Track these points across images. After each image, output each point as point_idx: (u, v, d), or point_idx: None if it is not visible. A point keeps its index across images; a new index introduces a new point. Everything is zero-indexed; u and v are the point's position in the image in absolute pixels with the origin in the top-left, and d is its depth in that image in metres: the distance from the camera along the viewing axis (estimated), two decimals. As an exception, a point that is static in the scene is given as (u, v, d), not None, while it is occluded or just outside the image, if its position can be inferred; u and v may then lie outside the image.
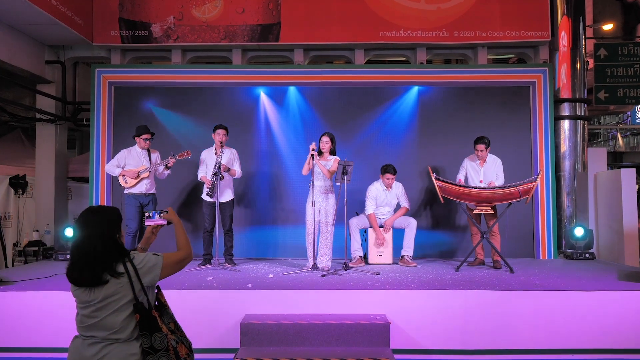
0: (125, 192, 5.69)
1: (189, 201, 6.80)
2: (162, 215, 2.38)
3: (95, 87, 6.83)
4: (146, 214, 2.39)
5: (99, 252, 2.02)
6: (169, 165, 5.60)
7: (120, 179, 5.67)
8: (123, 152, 5.78)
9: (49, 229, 7.27)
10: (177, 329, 2.18)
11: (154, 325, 2.04)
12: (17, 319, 4.24)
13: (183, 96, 6.93)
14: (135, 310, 2.03)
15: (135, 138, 5.70)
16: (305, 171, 5.50)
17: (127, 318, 2.03)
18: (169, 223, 2.39)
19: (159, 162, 5.68)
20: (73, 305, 1.92)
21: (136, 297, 2.04)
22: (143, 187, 5.65)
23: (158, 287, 2.20)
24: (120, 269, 2.03)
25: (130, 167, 5.65)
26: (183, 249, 2.29)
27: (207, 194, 5.69)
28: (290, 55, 7.29)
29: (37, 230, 7.26)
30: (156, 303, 2.16)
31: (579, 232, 6.49)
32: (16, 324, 4.22)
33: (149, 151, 5.75)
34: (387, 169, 5.95)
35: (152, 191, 5.75)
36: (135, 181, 5.61)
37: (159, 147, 6.18)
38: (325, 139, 5.59)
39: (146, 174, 5.64)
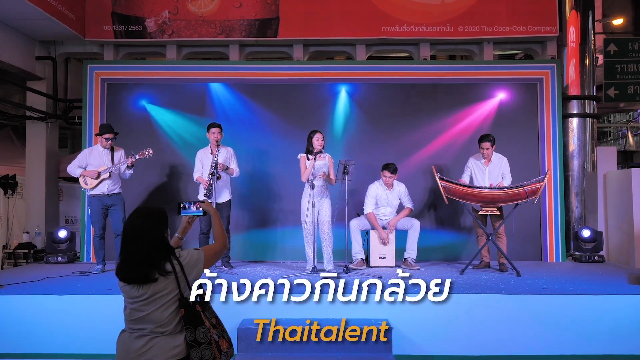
0: (88, 193, 5.64)
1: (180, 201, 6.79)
2: (198, 206, 2.51)
3: (87, 83, 6.81)
4: (182, 205, 2.52)
5: (148, 252, 2.16)
6: (128, 164, 5.54)
7: (81, 180, 5.60)
8: (85, 152, 5.74)
9: (40, 231, 7.27)
10: (218, 324, 2.31)
11: (198, 319, 2.18)
12: (6, 324, 4.23)
13: (178, 93, 6.92)
14: (180, 305, 2.18)
15: (98, 137, 5.68)
16: (305, 178, 5.48)
17: (173, 312, 2.18)
18: (205, 214, 2.53)
19: (122, 161, 5.60)
20: (64, 310, 1.93)
21: (182, 293, 2.19)
22: (104, 188, 5.57)
23: (201, 285, 2.32)
24: (168, 267, 2.18)
25: (92, 168, 5.57)
26: (219, 240, 2.46)
27: (204, 195, 5.68)
28: (289, 50, 7.28)
29: (27, 232, 7.26)
30: (199, 299, 2.27)
31: (587, 233, 6.49)
32: (6, 329, 4.22)
33: (112, 150, 5.68)
34: (386, 167, 5.94)
35: (116, 191, 5.65)
36: (96, 182, 5.54)
37: (154, 145, 6.17)
38: (320, 135, 5.54)
39: (107, 175, 5.55)
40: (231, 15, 7.00)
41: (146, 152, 5.56)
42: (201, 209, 2.52)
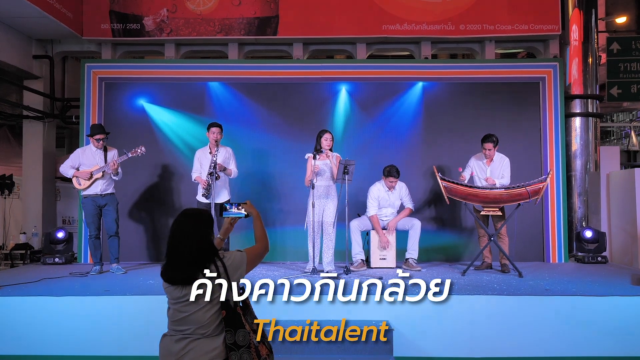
0: (82, 193, 5.66)
1: (181, 201, 6.80)
2: (239, 207, 2.57)
3: (85, 82, 6.81)
4: (224, 206, 2.57)
5: (194, 254, 2.21)
6: (112, 172, 5.54)
7: (74, 181, 5.62)
8: (77, 152, 5.75)
9: (37, 231, 7.27)
10: (258, 329, 2.35)
11: (238, 322, 2.22)
12: (3, 326, 4.23)
13: (176, 92, 6.92)
14: (222, 307, 2.21)
15: (89, 137, 5.68)
16: (308, 182, 5.50)
17: (214, 314, 2.21)
18: (247, 215, 2.58)
19: (115, 159, 5.60)
20: (60, 311, 1.92)
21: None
22: (98, 188, 5.57)
23: (242, 287, 2.37)
24: (212, 269, 2.21)
25: (85, 168, 5.59)
26: (261, 242, 2.51)
27: (203, 195, 5.68)
28: (289, 49, 7.29)
29: (24, 233, 7.26)
30: (240, 304, 2.31)
31: (589, 234, 6.50)
32: (2, 331, 4.22)
33: (105, 150, 5.69)
34: (390, 172, 5.93)
35: (110, 191, 5.66)
36: (88, 182, 5.55)
37: (152, 145, 6.19)
38: (329, 135, 5.59)
39: (100, 174, 5.55)
40: (230, 13, 7.00)
41: (139, 150, 5.57)
42: (243, 210, 2.58)
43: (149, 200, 6.80)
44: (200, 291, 2.22)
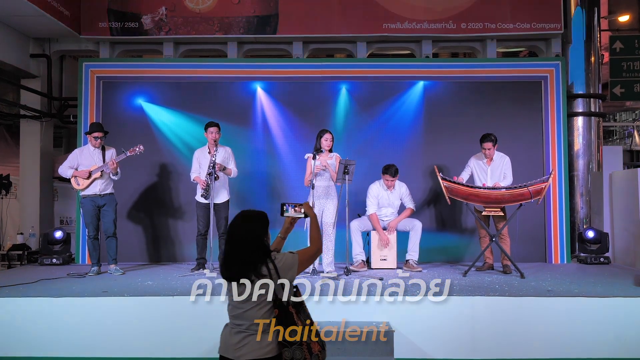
0: (80, 194, 5.66)
1: (180, 201, 6.80)
2: (296, 208, 2.71)
3: (83, 81, 6.82)
4: (284, 206, 2.72)
5: (247, 254, 2.34)
6: (112, 172, 5.54)
7: (73, 181, 5.61)
8: (75, 152, 5.76)
9: (34, 232, 7.27)
10: (311, 326, 2.41)
11: (290, 320, 2.31)
12: (0, 327, 4.23)
13: (175, 91, 6.93)
14: (274, 305, 2.32)
15: (87, 136, 5.69)
16: (307, 182, 5.52)
17: (267, 312, 2.33)
18: (306, 216, 2.70)
19: (114, 159, 5.60)
20: (58, 312, 1.92)
21: (276, 294, 2.33)
22: (97, 188, 5.59)
23: (296, 287, 2.46)
24: (264, 270, 2.33)
25: (83, 167, 5.59)
26: (315, 244, 2.62)
27: (202, 195, 5.69)
28: (288, 48, 7.29)
29: (21, 233, 7.26)
30: (293, 301, 2.40)
31: (591, 234, 6.51)
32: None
33: (103, 149, 5.70)
34: (387, 170, 5.94)
35: (109, 191, 5.67)
36: (87, 182, 5.55)
37: (151, 145, 6.19)
38: (329, 136, 5.60)
39: (98, 174, 5.56)
40: (229, 12, 7.00)
41: (137, 149, 5.58)
42: (302, 210, 2.70)
43: (147, 200, 6.80)
44: (249, 291, 2.34)
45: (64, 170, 5.65)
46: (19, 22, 6.69)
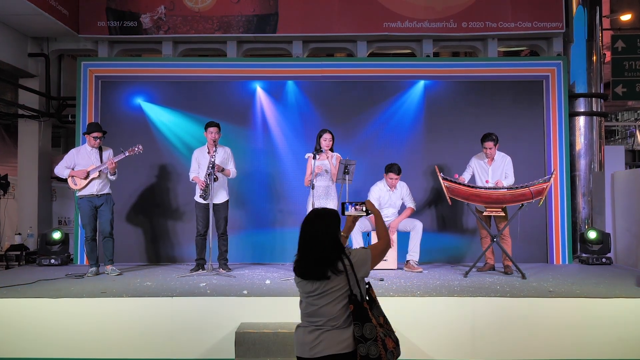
0: (77, 194, 5.64)
1: (179, 202, 6.80)
2: (357, 207, 2.77)
3: (81, 81, 6.82)
4: (345, 205, 2.78)
5: (324, 251, 2.39)
6: (110, 171, 5.53)
7: (70, 181, 5.59)
8: (72, 152, 5.74)
9: (32, 232, 7.28)
10: (385, 323, 2.48)
11: (365, 316, 2.35)
12: (-2, 328, 4.24)
13: (174, 91, 6.92)
14: (349, 301, 2.36)
15: (86, 135, 5.68)
16: (307, 182, 5.52)
17: (343, 308, 2.37)
18: (368, 213, 2.76)
19: (112, 159, 5.57)
20: (56, 313, 1.92)
21: (351, 289, 2.38)
22: (94, 188, 5.58)
23: (369, 284, 2.51)
24: (340, 266, 2.38)
25: (80, 168, 5.58)
26: (383, 239, 2.67)
27: (201, 196, 5.69)
28: (288, 47, 7.29)
29: (19, 234, 7.26)
30: (367, 297, 2.46)
31: (592, 235, 6.51)
32: (-3, 333, 4.22)
33: (100, 149, 5.69)
34: (391, 168, 5.95)
35: (106, 191, 5.66)
36: (85, 182, 5.54)
37: (150, 145, 6.19)
38: (328, 135, 5.61)
39: (96, 174, 5.55)
40: (229, 10, 7.00)
41: (136, 149, 5.58)
42: (363, 208, 2.77)
43: (146, 201, 6.80)
44: (326, 287, 2.38)
45: (61, 170, 5.64)
46: (17, 21, 6.69)
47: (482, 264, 5.93)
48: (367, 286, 2.48)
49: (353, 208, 2.77)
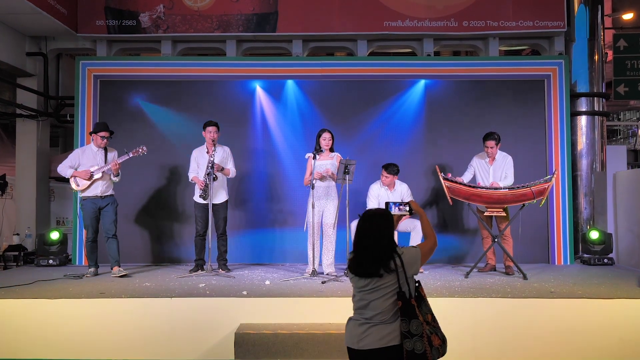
0: (80, 195, 5.58)
1: (178, 202, 6.80)
2: (400, 207, 2.86)
3: (80, 80, 6.82)
4: (387, 206, 2.86)
5: (377, 250, 2.48)
6: (113, 173, 5.50)
7: (72, 181, 5.51)
8: (77, 152, 5.70)
9: (30, 233, 7.28)
10: (433, 321, 2.56)
11: (412, 312, 2.44)
12: (-4, 329, 4.24)
13: (173, 90, 6.92)
14: (398, 297, 2.46)
15: (92, 135, 5.64)
16: (307, 182, 5.53)
17: (392, 303, 2.47)
18: (411, 213, 2.86)
19: (116, 160, 5.54)
20: (54, 314, 1.92)
21: (400, 286, 2.47)
22: (98, 190, 5.51)
23: (419, 282, 2.59)
24: (392, 264, 2.47)
25: (84, 168, 5.52)
26: (430, 238, 2.74)
27: (200, 196, 5.69)
28: (288, 46, 7.29)
29: (17, 234, 7.26)
30: (416, 294, 2.53)
31: (594, 235, 6.51)
32: (-5, 334, 4.22)
33: (105, 150, 5.65)
34: (386, 167, 5.91)
35: (109, 193, 5.62)
36: (87, 183, 5.47)
37: (148, 144, 6.17)
38: (327, 135, 5.62)
39: (99, 175, 5.50)
40: (228, 9, 7.00)
41: (140, 150, 5.56)
42: (407, 208, 2.86)
43: (144, 201, 6.80)
44: (377, 284, 2.48)
45: (64, 169, 5.58)
46: (15, 20, 6.68)
47: (483, 265, 5.93)
48: (416, 284, 2.56)
49: (397, 208, 2.86)
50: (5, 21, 6.70)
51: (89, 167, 5.53)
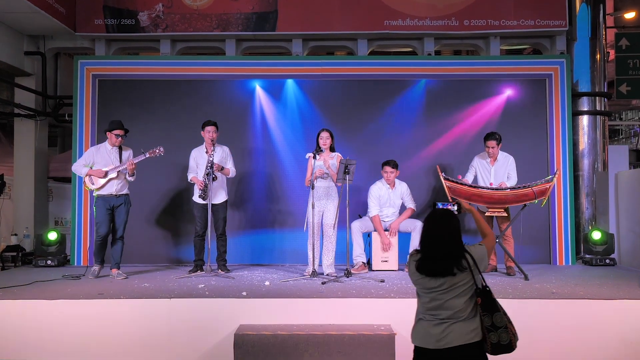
0: (94, 193, 5.57)
1: (177, 202, 6.80)
2: (449, 207, 2.90)
3: (78, 80, 6.82)
4: (435, 207, 2.91)
5: (449, 248, 2.53)
6: (128, 172, 5.48)
7: (87, 180, 5.51)
8: (91, 150, 5.69)
9: (29, 233, 7.27)
10: (504, 313, 2.59)
11: (494, 306, 2.51)
12: (-7, 330, 4.23)
13: (172, 90, 6.92)
14: (477, 294, 2.53)
15: (107, 133, 5.62)
16: (308, 182, 5.53)
17: (468, 300, 2.52)
18: (459, 212, 2.91)
19: (131, 160, 5.52)
20: (54, 315, 1.93)
21: (476, 284, 2.53)
22: (113, 188, 5.51)
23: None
24: (464, 263, 2.52)
25: (99, 167, 5.51)
26: (490, 235, 2.82)
27: (200, 196, 5.68)
28: (288, 45, 7.28)
29: (15, 234, 7.26)
30: (487, 289, 2.58)
31: (596, 236, 6.50)
32: (-7, 335, 4.22)
33: (120, 149, 5.63)
34: (387, 162, 5.98)
35: (124, 192, 5.62)
36: (103, 182, 5.46)
37: (147, 144, 6.16)
38: (325, 134, 5.63)
39: (114, 174, 5.49)
40: (227, 8, 7.00)
41: (157, 150, 5.55)
42: (455, 207, 2.92)
43: (143, 201, 6.78)
44: (451, 283, 2.52)
45: (78, 168, 5.57)
46: (13, 19, 6.68)
47: (484, 265, 5.92)
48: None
49: (444, 207, 2.91)
50: (3, 20, 6.70)
51: (103, 166, 5.50)
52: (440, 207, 2.89)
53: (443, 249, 2.53)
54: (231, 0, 7.01)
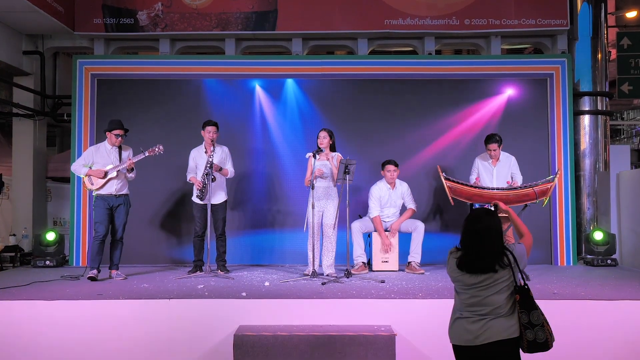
0: (94, 193, 5.55)
1: (177, 203, 6.80)
2: (488, 207, 2.86)
3: (77, 79, 6.82)
4: (473, 207, 2.89)
5: (494, 246, 2.60)
6: (127, 168, 5.46)
7: (86, 180, 5.48)
8: (90, 150, 5.67)
9: (27, 233, 7.27)
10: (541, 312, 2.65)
11: (532, 304, 2.57)
12: (-8, 331, 4.23)
13: (172, 89, 6.92)
14: (516, 291, 2.59)
15: (107, 133, 5.61)
16: (307, 182, 5.53)
17: (507, 297, 2.58)
18: (496, 210, 2.96)
19: (130, 159, 5.51)
20: (53, 316, 1.93)
21: (516, 281, 2.59)
22: (113, 188, 5.49)
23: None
24: (505, 260, 2.58)
25: (98, 166, 5.49)
26: (528, 234, 2.90)
27: (198, 196, 5.68)
28: (287, 45, 7.28)
29: (14, 235, 7.26)
30: (526, 287, 2.64)
31: (598, 236, 6.50)
32: (-9, 336, 4.22)
33: (120, 148, 5.61)
34: (388, 161, 5.99)
35: (124, 192, 5.61)
36: (102, 182, 5.45)
37: (146, 144, 6.16)
38: (323, 134, 5.64)
39: (114, 174, 5.47)
40: (227, 7, 7.00)
41: (156, 149, 5.54)
42: (493, 209, 2.96)
43: (143, 201, 6.77)
44: (493, 279, 2.58)
45: (78, 168, 5.55)
46: (11, 18, 6.68)
47: (485, 266, 5.92)
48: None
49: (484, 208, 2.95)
50: (1, 19, 6.70)
51: (103, 166, 5.48)
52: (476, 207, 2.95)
53: (485, 246, 2.59)
54: (231, 0, 7.01)
